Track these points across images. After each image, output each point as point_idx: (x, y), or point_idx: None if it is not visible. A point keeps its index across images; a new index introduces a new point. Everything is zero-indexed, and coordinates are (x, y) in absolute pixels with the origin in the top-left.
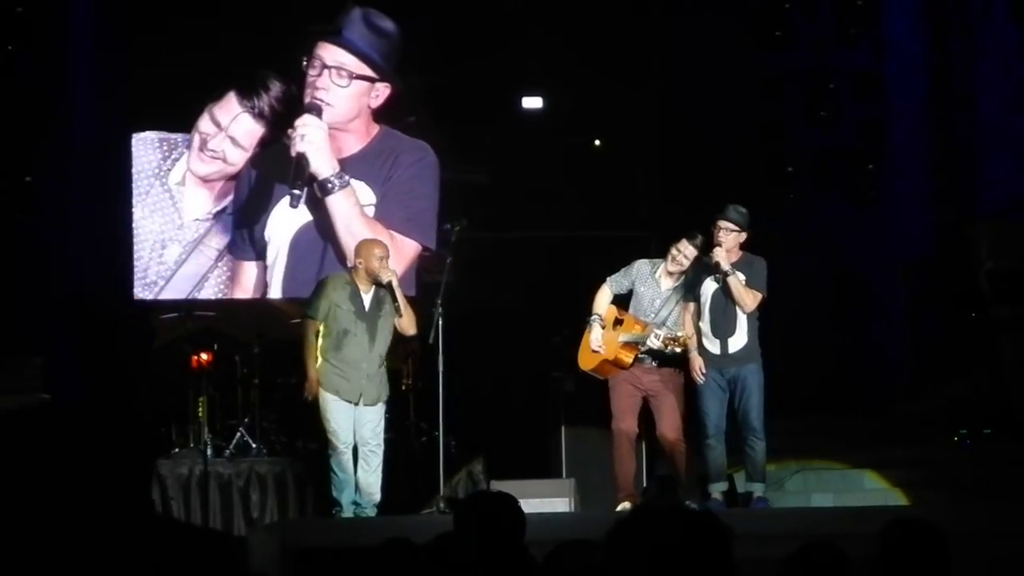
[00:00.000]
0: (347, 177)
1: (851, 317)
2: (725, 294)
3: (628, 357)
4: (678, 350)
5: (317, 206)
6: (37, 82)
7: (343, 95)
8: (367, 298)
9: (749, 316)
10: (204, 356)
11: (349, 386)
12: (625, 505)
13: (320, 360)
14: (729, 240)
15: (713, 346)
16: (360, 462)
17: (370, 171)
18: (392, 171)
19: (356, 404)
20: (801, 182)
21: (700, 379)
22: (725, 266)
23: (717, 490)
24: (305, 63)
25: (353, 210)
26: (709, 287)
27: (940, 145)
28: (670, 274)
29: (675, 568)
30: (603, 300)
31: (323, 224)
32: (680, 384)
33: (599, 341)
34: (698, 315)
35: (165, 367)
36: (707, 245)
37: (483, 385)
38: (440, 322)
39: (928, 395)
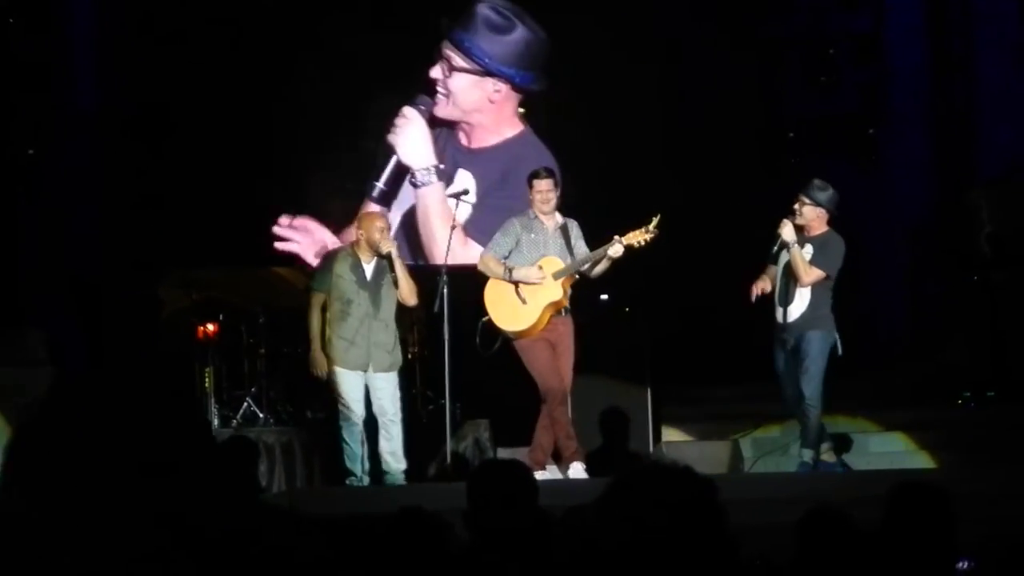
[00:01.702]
0: (437, 173)
1: (852, 281)
2: (790, 266)
3: (566, 297)
4: (648, 238)
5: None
6: (38, 53)
7: (455, 87)
8: (369, 268)
9: (813, 287)
10: (210, 327)
11: (357, 353)
12: (577, 466)
13: (328, 333)
14: (807, 215)
15: (778, 314)
16: (381, 433)
17: (485, 168)
18: (504, 180)
19: (366, 371)
20: (801, 147)
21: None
22: (786, 237)
23: (807, 456)
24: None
25: (435, 207)
26: (783, 258)
27: (940, 109)
28: (545, 215)
29: (668, 519)
30: (494, 263)
31: (408, 213)
32: (574, 338)
33: (539, 275)
34: (772, 284)
35: (171, 338)
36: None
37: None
38: (445, 290)
39: (929, 358)
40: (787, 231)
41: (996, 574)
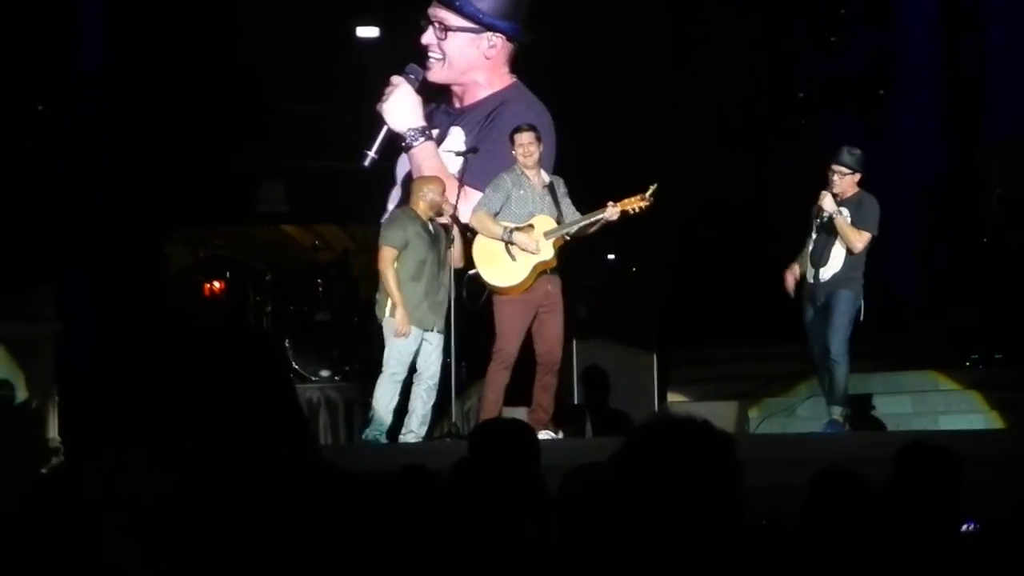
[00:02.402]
0: (428, 132)
1: None
2: (827, 228)
3: (556, 257)
4: (643, 205)
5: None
6: (45, 7)
7: (450, 48)
8: (432, 228)
9: (844, 249)
10: (216, 284)
11: (423, 312)
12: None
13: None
14: (843, 183)
15: (809, 274)
16: (419, 395)
17: (472, 120)
18: (491, 124)
19: (427, 330)
20: (811, 108)
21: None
22: (830, 208)
23: (836, 413)
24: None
25: (428, 163)
26: (816, 222)
27: (950, 70)
28: (530, 170)
29: (684, 473)
30: (491, 222)
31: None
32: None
33: (535, 245)
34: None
35: (179, 296)
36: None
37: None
38: (451, 251)
39: (940, 320)
40: (828, 202)
41: (1000, 537)
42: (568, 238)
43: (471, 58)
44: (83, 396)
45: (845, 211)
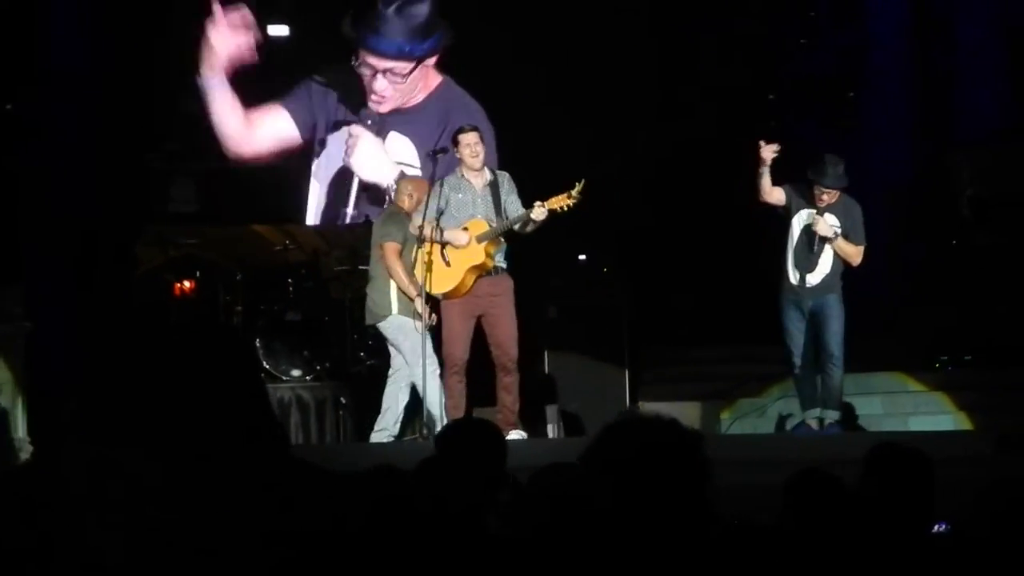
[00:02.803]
0: (402, 173)
1: None
2: (808, 232)
3: (490, 259)
4: (571, 203)
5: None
6: (12, 4)
7: (402, 86)
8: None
9: (831, 254)
10: (187, 284)
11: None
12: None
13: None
14: (828, 199)
15: (793, 277)
16: (404, 392)
17: (420, 131)
18: (447, 125)
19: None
20: (783, 110)
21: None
22: (825, 233)
23: (811, 417)
24: (355, 63)
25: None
26: (798, 222)
27: (920, 72)
28: (475, 171)
29: (654, 468)
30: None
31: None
32: (513, 298)
33: (464, 239)
34: (783, 247)
35: (148, 295)
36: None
37: None
38: (419, 253)
39: (910, 321)
40: (822, 227)
41: (973, 538)
42: (503, 241)
43: (413, 80)
44: (59, 393)
45: (830, 216)
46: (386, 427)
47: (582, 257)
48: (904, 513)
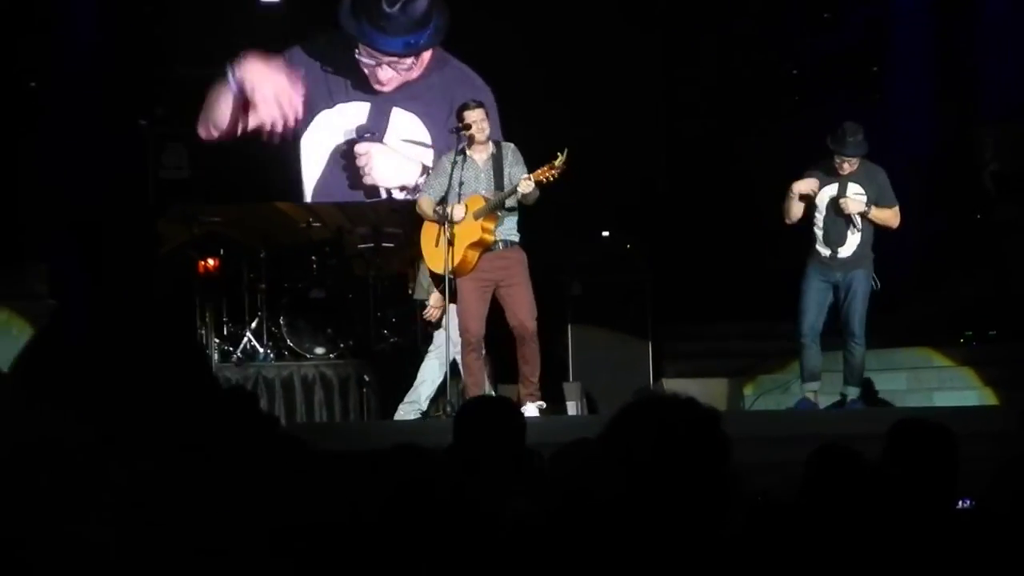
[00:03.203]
0: (426, 170)
1: None
2: (837, 207)
3: (490, 234)
4: (555, 174)
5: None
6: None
7: (397, 76)
8: None
9: (864, 223)
10: (211, 261)
11: None
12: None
13: None
14: (849, 168)
15: (824, 250)
16: (439, 368)
17: (428, 109)
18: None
19: None
20: (806, 85)
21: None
22: (858, 209)
23: (809, 390)
24: (357, 53)
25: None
26: (825, 194)
27: (944, 46)
28: (480, 144)
29: (672, 448)
30: (428, 207)
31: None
32: (527, 269)
33: (461, 215)
34: (810, 221)
35: (173, 273)
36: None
37: None
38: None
39: (934, 295)
40: (852, 206)
41: (997, 513)
42: (502, 215)
43: (418, 68)
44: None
45: (854, 186)
46: (416, 400)
47: (605, 233)
48: (927, 489)
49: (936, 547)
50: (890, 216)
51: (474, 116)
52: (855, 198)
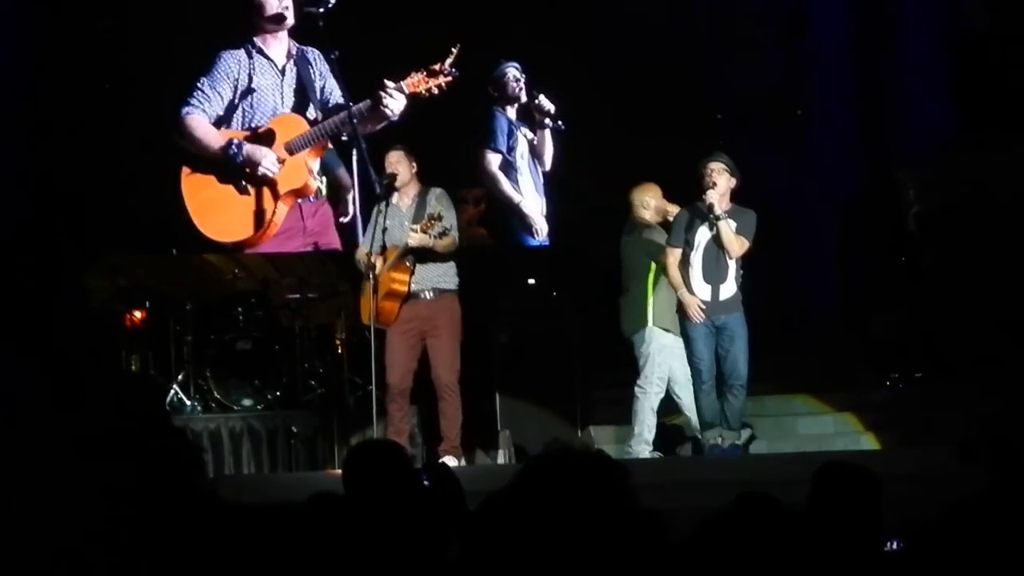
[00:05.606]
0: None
1: (780, 261)
2: (717, 242)
3: (402, 285)
4: (438, 229)
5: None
6: None
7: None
8: None
9: (736, 265)
10: (137, 314)
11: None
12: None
13: None
14: (721, 183)
15: (704, 292)
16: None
17: None
18: None
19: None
20: (730, 129)
21: (698, 318)
22: (718, 209)
23: (712, 437)
24: None
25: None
26: (703, 234)
27: (866, 88)
28: (406, 188)
29: (577, 507)
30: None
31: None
32: (458, 321)
33: (379, 264)
34: (686, 261)
35: (99, 326)
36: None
37: None
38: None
39: (858, 338)
40: (717, 203)
41: (922, 555)
42: (409, 264)
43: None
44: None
45: (731, 221)
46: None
47: (531, 281)
48: (855, 531)
49: None
50: (735, 243)
51: (391, 159)
52: (720, 203)
